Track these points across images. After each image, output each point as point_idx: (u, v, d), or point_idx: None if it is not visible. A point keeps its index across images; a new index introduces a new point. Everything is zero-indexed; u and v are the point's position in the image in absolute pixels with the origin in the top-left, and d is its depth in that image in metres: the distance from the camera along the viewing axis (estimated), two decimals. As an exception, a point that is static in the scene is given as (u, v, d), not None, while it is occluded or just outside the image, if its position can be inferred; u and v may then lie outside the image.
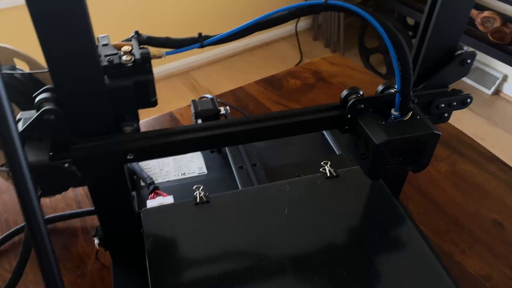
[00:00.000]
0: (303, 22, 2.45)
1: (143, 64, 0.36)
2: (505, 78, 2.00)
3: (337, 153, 0.61)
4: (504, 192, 0.65)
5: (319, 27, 2.42)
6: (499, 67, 1.99)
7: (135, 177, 0.55)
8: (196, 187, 0.49)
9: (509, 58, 1.59)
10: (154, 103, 0.38)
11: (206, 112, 0.61)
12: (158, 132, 0.36)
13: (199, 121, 0.62)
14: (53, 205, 0.62)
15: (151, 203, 0.48)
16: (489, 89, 2.02)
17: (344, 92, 0.41)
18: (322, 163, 0.52)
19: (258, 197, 0.48)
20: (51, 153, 0.33)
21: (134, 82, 0.35)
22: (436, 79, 0.41)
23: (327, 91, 0.85)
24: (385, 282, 0.41)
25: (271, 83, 0.87)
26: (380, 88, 0.41)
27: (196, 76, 2.17)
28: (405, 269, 0.42)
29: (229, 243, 0.44)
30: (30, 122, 0.32)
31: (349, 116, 0.40)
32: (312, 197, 0.48)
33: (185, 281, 0.41)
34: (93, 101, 0.34)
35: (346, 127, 0.41)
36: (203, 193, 0.48)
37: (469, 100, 0.42)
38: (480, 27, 1.72)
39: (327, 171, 0.51)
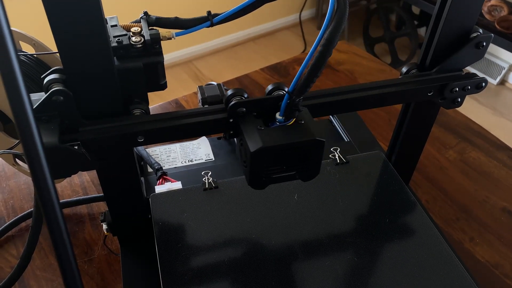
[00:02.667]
0: (307, 11, 2.43)
1: (153, 45, 0.35)
2: (511, 68, 1.98)
3: (346, 140, 0.60)
4: (513, 180, 0.65)
5: (323, 16, 2.39)
6: (504, 57, 1.97)
7: (142, 163, 0.55)
8: (204, 173, 0.49)
9: (515, 47, 1.57)
10: (163, 86, 0.38)
11: (213, 98, 0.60)
12: (169, 115, 0.36)
13: (206, 107, 0.61)
14: (59, 191, 0.61)
15: (160, 188, 0.47)
16: (495, 79, 2.01)
17: (228, 93, 0.36)
18: (331, 149, 0.52)
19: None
20: (59, 136, 0.32)
21: (144, 63, 0.35)
22: (450, 62, 0.40)
23: (334, 78, 0.84)
24: (397, 268, 0.40)
25: (277, 70, 0.86)
26: (269, 88, 0.37)
27: (199, 65, 2.15)
28: (417, 255, 0.41)
29: (239, 229, 0.43)
30: (39, 104, 0.32)
31: (231, 120, 0.36)
32: (322, 183, 0.48)
33: (194, 266, 0.40)
34: (103, 82, 0.33)
35: (231, 132, 0.37)
36: (211, 179, 0.48)
37: (484, 84, 0.41)
38: (487, 16, 1.70)
39: (337, 157, 0.51)
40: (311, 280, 0.39)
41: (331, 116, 0.66)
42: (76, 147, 0.33)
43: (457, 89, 0.40)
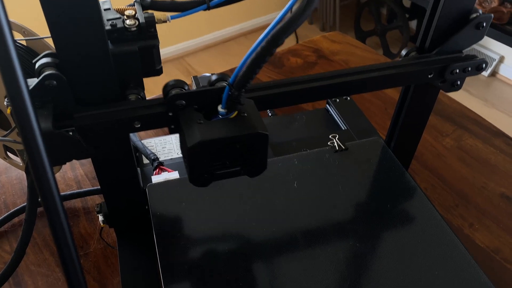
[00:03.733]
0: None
1: (148, 29, 0.34)
2: (501, 59, 2.00)
3: (343, 129, 0.60)
4: (511, 166, 0.65)
5: (315, 10, 2.38)
6: (495, 48, 1.98)
7: (137, 154, 0.54)
8: (202, 162, 0.48)
9: (507, 38, 1.58)
10: (159, 71, 0.37)
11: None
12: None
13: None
14: (53, 186, 0.60)
15: (156, 178, 0.46)
16: (486, 70, 2.02)
17: (167, 84, 0.34)
18: (330, 136, 0.51)
19: (266, 171, 0.47)
20: (53, 121, 0.31)
21: (139, 47, 0.34)
22: (450, 44, 0.40)
23: (329, 68, 0.83)
24: (400, 253, 0.40)
25: (271, 61, 0.85)
26: (212, 78, 0.35)
27: (191, 61, 2.14)
28: (420, 239, 0.41)
29: (238, 217, 0.43)
30: (31, 89, 0.31)
31: (170, 114, 0.33)
32: (321, 170, 0.47)
33: (194, 256, 0.40)
34: (97, 67, 0.32)
35: (173, 126, 0.34)
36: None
37: (484, 65, 0.41)
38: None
39: (336, 144, 0.50)
40: (313, 266, 0.39)
41: (327, 105, 0.65)
42: (70, 133, 0.32)
43: (458, 70, 0.40)
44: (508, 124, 1.74)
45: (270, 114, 0.66)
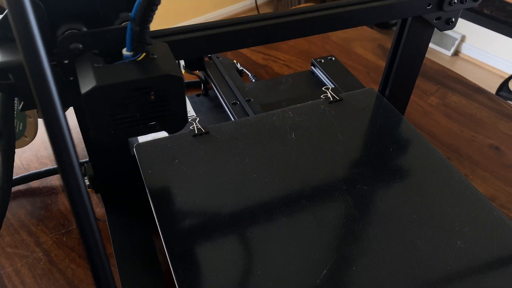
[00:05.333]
0: (263, -4, 2.41)
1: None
2: (463, 38, 2.05)
3: (331, 87, 0.58)
4: (496, 119, 0.65)
5: (279, 0, 2.38)
6: (457, 28, 2.03)
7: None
8: (191, 120, 0.45)
9: (468, 13, 1.62)
10: None
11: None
12: (160, 32, 0.31)
13: (181, 62, 0.57)
14: (25, 165, 0.55)
15: (143, 137, 0.43)
16: (449, 50, 2.07)
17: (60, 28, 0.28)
18: (323, 88, 0.49)
19: (261, 125, 0.44)
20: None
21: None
22: (446, -25, 0.39)
23: (308, 37, 0.81)
24: (410, 192, 0.38)
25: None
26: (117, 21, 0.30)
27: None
28: (426, 178, 0.40)
29: (238, 170, 0.40)
30: (2, 19, 0.27)
31: (66, 61, 0.27)
32: (317, 120, 0.45)
33: (193, 211, 0.37)
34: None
35: (71, 78, 0.28)
36: (199, 125, 0.44)
37: (480, -4, 0.40)
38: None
39: (329, 95, 0.48)
40: (322, 213, 0.36)
41: (312, 67, 0.63)
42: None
43: (456, 1, 0.38)
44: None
45: (253, 80, 0.64)
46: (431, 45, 2.10)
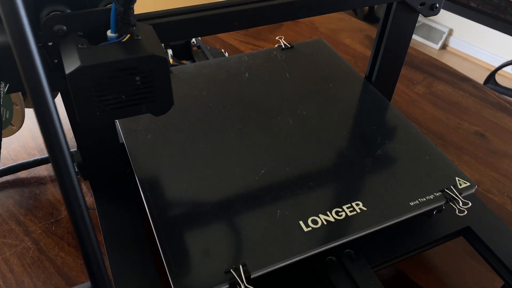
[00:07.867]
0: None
1: None
2: (450, 32, 2.07)
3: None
4: (481, 106, 0.66)
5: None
6: (445, 22, 2.05)
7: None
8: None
9: (456, 6, 1.63)
10: None
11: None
12: (145, 15, 0.32)
13: (169, 51, 0.57)
14: (13, 156, 0.55)
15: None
16: (437, 44, 2.09)
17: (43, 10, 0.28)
18: (277, 38, 0.56)
19: (219, 66, 0.51)
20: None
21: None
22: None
23: (296, 28, 0.82)
24: (345, 118, 0.45)
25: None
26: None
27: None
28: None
29: (198, 105, 0.45)
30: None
31: (50, 43, 0.28)
32: (269, 63, 0.52)
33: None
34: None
35: (56, 61, 0.29)
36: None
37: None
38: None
39: (282, 43, 0.55)
40: (266, 129, 0.43)
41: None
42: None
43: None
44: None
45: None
46: (419, 38, 2.12)
